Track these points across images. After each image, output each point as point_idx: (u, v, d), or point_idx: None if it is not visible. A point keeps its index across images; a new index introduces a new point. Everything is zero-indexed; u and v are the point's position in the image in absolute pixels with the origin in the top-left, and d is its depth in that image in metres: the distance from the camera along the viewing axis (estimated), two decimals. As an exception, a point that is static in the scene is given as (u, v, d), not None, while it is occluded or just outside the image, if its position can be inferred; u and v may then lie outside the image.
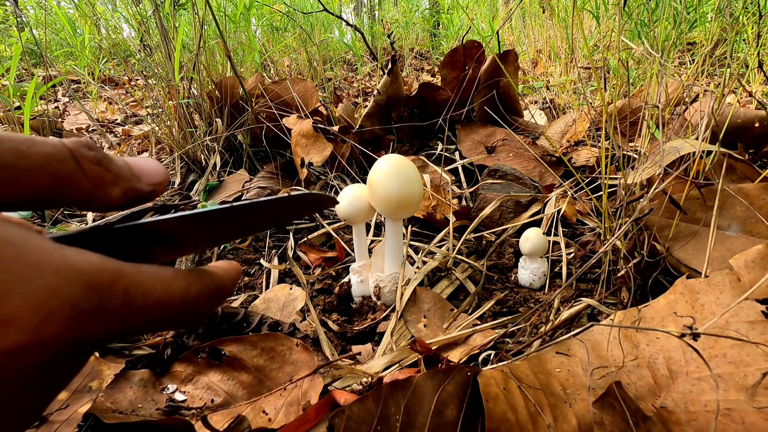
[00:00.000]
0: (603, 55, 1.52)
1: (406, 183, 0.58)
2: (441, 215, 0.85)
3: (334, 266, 0.78)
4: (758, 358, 0.41)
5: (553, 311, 0.63)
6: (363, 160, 1.12)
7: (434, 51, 3.25)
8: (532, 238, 0.67)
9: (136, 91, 1.43)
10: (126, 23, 1.52)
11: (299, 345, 0.52)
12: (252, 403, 0.46)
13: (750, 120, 0.90)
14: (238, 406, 0.46)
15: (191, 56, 1.15)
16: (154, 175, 0.26)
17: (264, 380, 0.49)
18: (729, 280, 0.49)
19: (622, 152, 0.71)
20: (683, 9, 1.01)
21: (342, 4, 3.03)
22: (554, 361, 0.46)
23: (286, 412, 0.45)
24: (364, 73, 2.49)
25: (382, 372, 0.53)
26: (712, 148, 0.61)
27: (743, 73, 1.38)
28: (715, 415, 0.37)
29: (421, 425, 0.39)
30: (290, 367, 0.50)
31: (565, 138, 1.16)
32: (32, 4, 2.48)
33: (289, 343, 0.52)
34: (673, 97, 0.96)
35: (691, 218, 0.61)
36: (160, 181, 0.26)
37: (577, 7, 1.66)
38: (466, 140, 1.13)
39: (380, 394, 0.40)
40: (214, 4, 1.30)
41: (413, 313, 0.61)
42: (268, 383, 0.49)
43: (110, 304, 0.19)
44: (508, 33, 2.75)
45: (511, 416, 0.38)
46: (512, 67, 1.17)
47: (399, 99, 1.17)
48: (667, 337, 0.46)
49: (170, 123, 1.18)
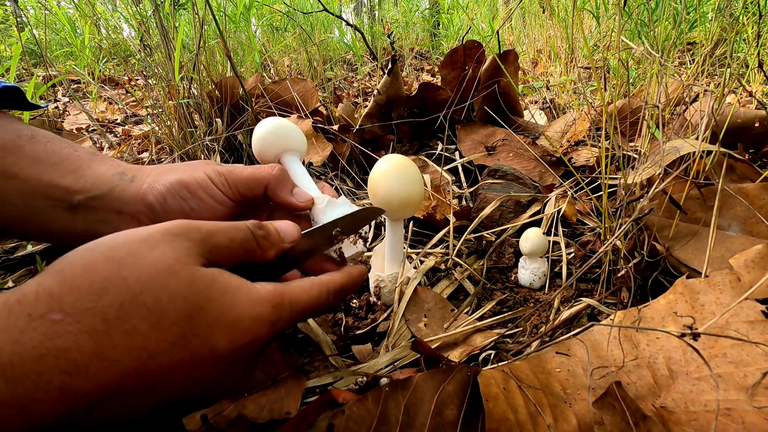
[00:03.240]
0: (603, 55, 1.52)
1: (407, 183, 0.58)
2: (441, 215, 0.85)
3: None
4: (758, 358, 0.41)
5: (553, 311, 0.63)
6: (363, 159, 1.12)
7: (434, 51, 3.25)
8: (532, 238, 0.67)
9: (136, 91, 1.43)
10: (126, 23, 1.52)
11: (281, 345, 0.53)
12: (235, 402, 0.46)
13: (750, 120, 0.90)
14: (220, 405, 0.46)
15: (191, 56, 1.15)
16: (291, 235, 0.39)
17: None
18: (729, 280, 0.49)
19: (622, 152, 0.71)
20: (683, 9, 1.01)
21: (342, 4, 3.03)
22: (554, 361, 0.46)
23: (270, 410, 0.45)
24: (364, 73, 2.49)
25: (382, 371, 0.53)
26: (712, 148, 0.61)
27: (743, 73, 1.38)
28: (715, 415, 0.38)
29: (421, 425, 0.39)
30: (272, 367, 0.51)
31: (565, 138, 1.16)
32: (32, 4, 2.48)
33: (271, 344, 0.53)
34: (673, 97, 0.96)
35: (691, 218, 0.61)
36: (295, 239, 0.39)
37: (577, 7, 1.66)
38: (466, 140, 1.13)
39: (380, 393, 0.40)
40: (214, 4, 1.30)
41: (414, 312, 0.61)
42: (250, 383, 0.49)
43: (285, 313, 0.34)
44: (508, 33, 2.75)
45: (511, 416, 0.38)
46: (512, 67, 1.17)
47: (399, 99, 1.16)
48: (667, 337, 0.46)
49: (170, 123, 1.18)
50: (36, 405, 0.22)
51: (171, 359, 0.27)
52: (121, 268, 0.27)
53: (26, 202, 0.41)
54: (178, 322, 0.27)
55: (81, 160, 0.44)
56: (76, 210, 0.43)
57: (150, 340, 0.26)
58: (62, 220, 0.43)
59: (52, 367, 0.22)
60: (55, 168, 0.42)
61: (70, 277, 0.26)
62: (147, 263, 0.28)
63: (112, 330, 0.25)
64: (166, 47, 1.14)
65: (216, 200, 0.45)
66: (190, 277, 0.29)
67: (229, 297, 0.30)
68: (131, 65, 1.68)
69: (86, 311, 0.24)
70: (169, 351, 0.27)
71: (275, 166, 0.48)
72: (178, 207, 0.44)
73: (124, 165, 0.46)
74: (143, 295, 0.26)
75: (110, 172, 0.44)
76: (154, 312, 0.26)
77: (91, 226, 0.44)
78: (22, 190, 0.41)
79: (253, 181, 0.47)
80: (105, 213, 0.43)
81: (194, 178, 0.45)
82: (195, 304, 0.28)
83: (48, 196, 0.42)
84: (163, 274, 0.28)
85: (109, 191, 0.43)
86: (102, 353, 0.24)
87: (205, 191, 0.45)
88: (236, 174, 0.46)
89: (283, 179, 0.48)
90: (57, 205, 0.42)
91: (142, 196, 0.44)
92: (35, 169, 0.41)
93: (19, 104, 0.47)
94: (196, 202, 0.44)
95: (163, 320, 0.27)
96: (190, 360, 0.28)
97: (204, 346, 0.28)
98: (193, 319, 0.28)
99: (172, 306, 0.27)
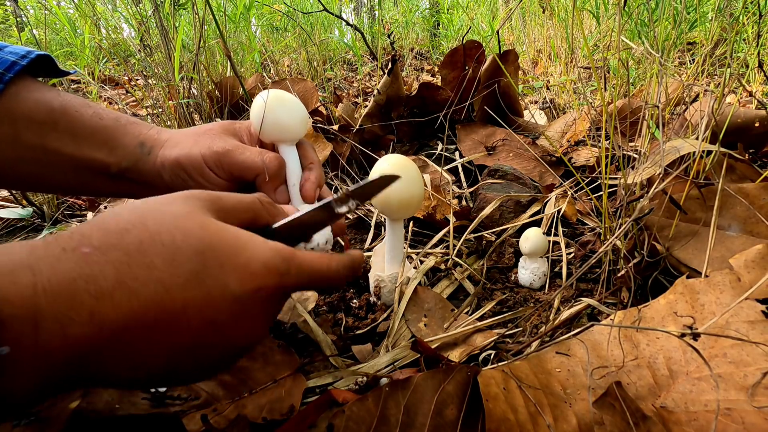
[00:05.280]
0: (603, 55, 1.52)
1: (407, 183, 0.58)
2: (441, 215, 0.85)
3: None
4: (758, 358, 0.41)
5: (553, 311, 0.63)
6: (363, 159, 1.12)
7: (434, 51, 3.25)
8: (532, 238, 0.67)
9: (136, 91, 1.43)
10: (126, 23, 1.52)
11: (281, 346, 0.52)
12: (234, 402, 0.46)
13: (750, 120, 0.90)
14: (219, 404, 0.46)
15: (191, 56, 1.15)
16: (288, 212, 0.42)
17: (246, 380, 0.49)
18: (729, 280, 0.49)
19: (622, 152, 0.71)
20: (683, 9, 1.01)
21: (342, 4, 3.03)
22: (554, 361, 0.46)
23: (270, 410, 0.45)
24: (364, 73, 2.49)
25: (381, 372, 0.53)
26: (712, 148, 0.61)
27: (743, 73, 1.38)
28: (715, 415, 0.38)
29: (421, 425, 0.39)
30: (272, 367, 0.51)
31: (565, 138, 1.16)
32: (32, 4, 2.48)
33: (270, 344, 0.52)
34: (673, 97, 0.96)
35: (691, 218, 0.61)
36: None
37: (577, 7, 1.66)
38: (466, 140, 1.13)
39: (380, 393, 0.40)
40: (214, 4, 1.30)
41: (414, 312, 0.61)
42: (249, 383, 0.49)
43: (293, 270, 0.34)
44: (508, 33, 2.75)
45: (511, 416, 0.38)
46: (512, 67, 1.17)
47: (399, 99, 1.16)
48: (667, 337, 0.46)
49: (170, 123, 1.18)
50: (71, 324, 0.24)
51: (185, 295, 0.28)
52: (143, 215, 0.30)
53: (75, 176, 0.47)
54: (191, 259, 0.29)
55: (108, 130, 0.47)
56: (117, 178, 0.48)
57: (165, 274, 0.28)
58: (110, 186, 0.49)
59: (83, 290, 0.25)
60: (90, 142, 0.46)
61: (100, 221, 0.29)
62: (165, 212, 0.31)
63: (133, 263, 0.27)
64: (166, 47, 1.14)
65: (209, 182, 0.48)
66: (203, 221, 0.31)
67: (241, 242, 0.32)
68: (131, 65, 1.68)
69: (111, 246, 0.27)
70: (184, 286, 0.28)
71: (270, 159, 0.49)
72: (180, 183, 0.48)
73: (144, 132, 0.49)
74: (161, 234, 0.29)
75: (132, 144, 0.48)
76: (169, 249, 0.29)
77: (132, 189, 0.50)
78: (70, 165, 0.46)
79: (245, 168, 0.48)
80: (137, 183, 0.49)
81: (190, 158, 0.47)
82: (208, 243, 0.30)
83: (90, 169, 0.47)
84: (179, 218, 0.31)
85: (135, 164, 0.48)
86: (124, 282, 0.27)
87: (199, 173, 0.47)
88: (230, 158, 0.48)
89: (273, 174, 0.49)
90: (100, 176, 0.48)
91: (157, 171, 0.48)
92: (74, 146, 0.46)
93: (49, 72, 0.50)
94: (192, 181, 0.47)
95: (178, 257, 0.29)
96: (203, 298, 0.29)
97: (216, 284, 0.30)
98: (205, 256, 0.30)
99: (186, 244, 0.29)
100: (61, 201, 1.11)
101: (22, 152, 0.44)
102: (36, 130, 0.44)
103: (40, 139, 0.44)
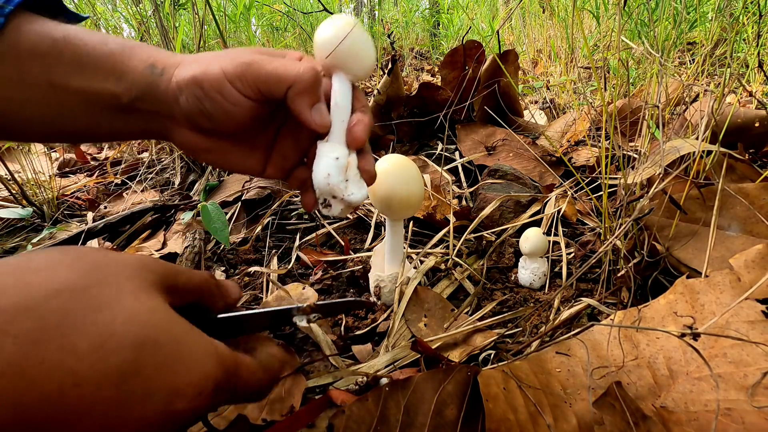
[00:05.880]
0: (603, 55, 1.52)
1: (407, 183, 0.58)
2: (441, 215, 0.85)
3: (335, 266, 0.78)
4: (758, 358, 0.41)
5: (553, 311, 0.63)
6: (363, 160, 1.12)
7: (434, 51, 3.25)
8: (532, 238, 0.67)
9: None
10: (126, 23, 1.52)
11: (280, 344, 0.52)
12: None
13: (750, 120, 0.90)
14: None
15: (191, 56, 1.15)
16: (235, 293, 0.40)
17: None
18: (729, 280, 0.49)
19: (622, 152, 0.71)
20: (683, 9, 1.01)
21: (342, 4, 3.03)
22: (554, 361, 0.46)
23: (270, 410, 0.45)
24: (364, 73, 2.49)
25: (381, 372, 0.53)
26: (712, 148, 0.61)
27: (743, 73, 1.38)
28: (715, 415, 0.38)
29: (421, 425, 0.39)
30: None
31: (565, 138, 1.16)
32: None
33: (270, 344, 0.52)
34: (673, 97, 0.96)
35: (691, 218, 0.61)
36: (237, 297, 0.40)
37: (577, 7, 1.66)
38: (466, 140, 1.13)
39: (380, 394, 0.40)
40: (214, 4, 1.30)
41: (414, 312, 0.61)
42: None
43: (233, 381, 0.30)
44: (508, 33, 2.75)
45: (511, 416, 0.38)
46: (512, 67, 1.17)
47: (399, 99, 1.17)
48: (667, 337, 0.46)
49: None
50: None
51: (98, 394, 0.23)
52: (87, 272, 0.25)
53: (86, 114, 0.42)
54: (124, 350, 0.24)
55: (114, 56, 0.41)
56: (129, 111, 0.42)
57: (84, 364, 0.22)
58: (123, 122, 0.43)
59: None
60: (97, 71, 0.41)
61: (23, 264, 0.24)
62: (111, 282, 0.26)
63: (46, 341, 0.22)
64: (166, 47, 1.14)
65: (230, 101, 0.40)
66: (154, 306, 0.27)
67: (186, 347, 0.27)
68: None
69: (25, 309, 0.22)
70: (99, 384, 0.23)
71: (308, 65, 0.40)
72: (196, 108, 0.40)
73: (155, 54, 0.43)
74: (101, 312, 0.24)
75: (142, 67, 0.42)
76: (102, 331, 0.23)
77: (147, 125, 0.44)
78: (79, 101, 0.41)
79: (275, 79, 0.39)
80: (150, 113, 0.42)
81: (208, 74, 0.39)
82: (152, 336, 0.25)
83: (100, 103, 0.42)
84: (125, 294, 0.26)
85: (146, 89, 0.41)
86: (20, 366, 0.21)
87: (218, 91, 0.39)
88: (255, 68, 0.39)
89: (309, 85, 0.40)
90: (112, 110, 0.42)
91: (173, 94, 0.41)
92: (81, 78, 0.41)
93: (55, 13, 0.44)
94: (209, 102, 0.40)
95: (109, 343, 0.23)
96: (116, 400, 0.23)
97: (141, 389, 0.24)
98: (144, 350, 0.24)
99: (124, 330, 0.24)
100: (61, 201, 1.11)
101: (29, 93, 0.40)
102: (40, 64, 0.40)
103: (45, 74, 0.40)
